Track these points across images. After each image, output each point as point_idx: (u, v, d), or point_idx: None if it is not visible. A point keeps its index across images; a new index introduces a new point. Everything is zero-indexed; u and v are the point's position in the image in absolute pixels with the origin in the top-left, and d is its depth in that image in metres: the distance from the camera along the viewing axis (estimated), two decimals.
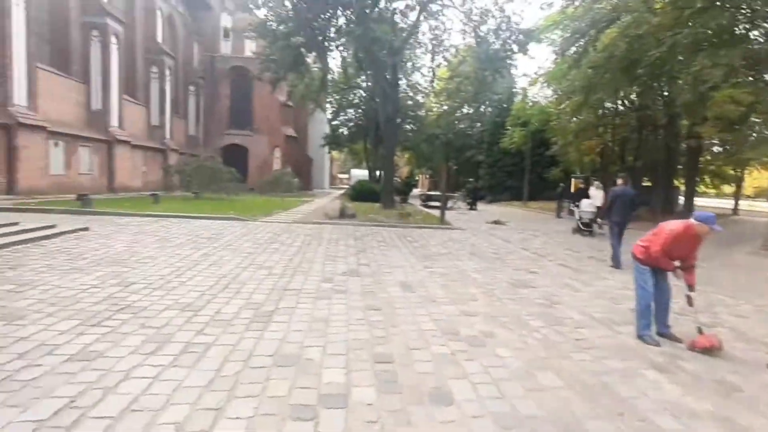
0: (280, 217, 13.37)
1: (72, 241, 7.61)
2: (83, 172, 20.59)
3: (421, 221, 13.68)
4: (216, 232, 9.65)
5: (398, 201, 19.50)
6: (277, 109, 35.01)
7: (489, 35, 15.58)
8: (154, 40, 27.48)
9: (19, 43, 16.42)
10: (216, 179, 20.58)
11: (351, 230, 11.20)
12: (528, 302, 5.17)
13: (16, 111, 16.24)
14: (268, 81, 16.31)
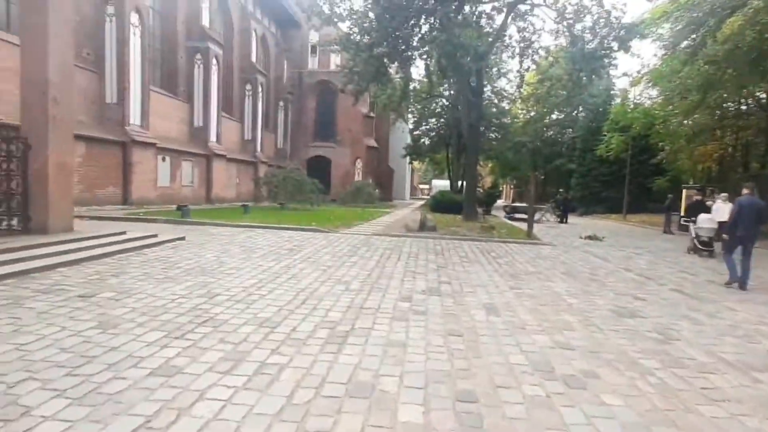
0: (361, 229, 13.42)
1: (169, 250, 8.17)
2: (185, 184, 22.63)
3: (505, 235, 12.91)
4: (297, 243, 9.85)
5: (481, 213, 18.76)
6: (359, 121, 35.90)
7: (585, 33, 14.38)
8: (249, 59, 29.65)
9: (135, 68, 18.53)
10: (300, 190, 21.45)
11: (431, 244, 10.84)
12: (637, 336, 4.43)
13: (131, 130, 18.30)
14: (351, 93, 16.61)
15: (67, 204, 8.16)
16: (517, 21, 16.38)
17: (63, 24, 7.83)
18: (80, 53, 17.10)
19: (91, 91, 17.59)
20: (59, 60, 7.76)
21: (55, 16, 7.62)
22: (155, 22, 22.15)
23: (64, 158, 8.01)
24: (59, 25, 7.74)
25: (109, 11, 17.73)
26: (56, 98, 7.73)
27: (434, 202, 24.91)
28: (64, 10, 7.88)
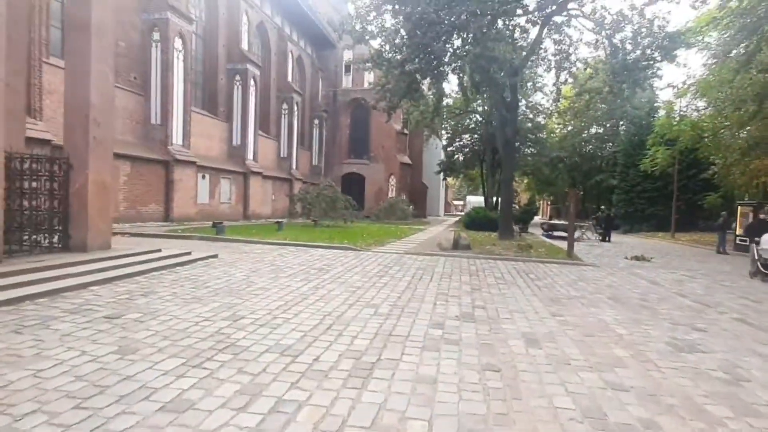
0: (393, 247, 13.15)
1: (201, 268, 8.17)
2: (224, 201, 23.16)
3: (544, 255, 12.28)
4: (328, 262, 9.68)
5: (517, 231, 18.08)
6: (392, 138, 35.96)
7: (626, 43, 13.74)
8: (285, 80, 30.42)
9: (177, 90, 19.27)
10: (333, 207, 21.48)
11: (465, 264, 10.42)
12: (700, 375, 3.90)
13: (173, 149, 18.94)
14: (384, 110, 16.56)
15: (106, 222, 8.35)
16: (553, 33, 15.93)
17: (105, 48, 8.13)
18: (128, 77, 18.01)
19: (137, 113, 18.41)
20: (101, 83, 8.04)
21: (97, 41, 7.91)
22: (198, 46, 23.11)
23: (104, 177, 8.23)
24: (101, 50, 8.03)
25: (155, 37, 18.61)
26: (97, 120, 7.99)
27: (468, 219, 24.36)
28: (106, 35, 8.19)
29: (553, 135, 37.21)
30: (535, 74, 19.48)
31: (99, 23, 7.95)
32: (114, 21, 8.54)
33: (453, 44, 13.39)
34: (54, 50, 15.33)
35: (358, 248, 12.10)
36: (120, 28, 17.36)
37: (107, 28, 8.22)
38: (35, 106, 13.29)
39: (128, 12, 17.76)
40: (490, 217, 23.43)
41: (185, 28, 19.51)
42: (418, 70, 13.45)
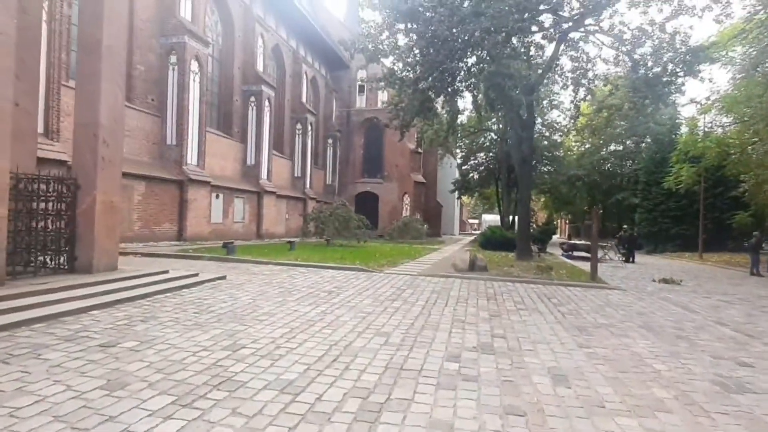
0: (406, 268, 12.75)
1: (207, 291, 7.91)
2: (237, 220, 23.13)
3: (565, 277, 11.72)
4: (339, 284, 9.34)
5: (535, 251, 17.50)
6: (406, 157, 35.88)
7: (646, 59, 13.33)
8: (299, 100, 30.73)
9: (193, 112, 19.48)
10: (347, 226, 21.23)
11: (482, 286, 9.95)
12: (756, 422, 3.40)
13: (188, 169, 19.03)
14: (397, 128, 16.39)
15: (113, 243, 8.18)
16: (569, 50, 15.65)
17: (115, 69, 8.11)
18: (145, 99, 18.30)
19: (153, 134, 18.62)
20: (110, 103, 7.99)
21: (107, 62, 7.89)
22: (214, 68, 23.50)
23: (112, 198, 8.11)
24: (111, 71, 8.01)
25: (172, 60, 18.93)
26: (106, 140, 7.91)
27: (484, 239, 23.80)
28: (117, 56, 8.18)
29: (571, 153, 36.66)
30: (551, 92, 19.09)
31: (110, 45, 7.94)
32: (125, 42, 8.55)
33: (467, 62, 13.20)
34: (74, 74, 15.66)
35: (370, 269, 11.73)
36: (138, 51, 17.77)
37: (118, 49, 8.23)
38: (53, 128, 13.47)
39: (147, 36, 18.15)
40: (506, 237, 22.86)
41: (202, 51, 19.83)
42: (432, 87, 13.25)
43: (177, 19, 18.72)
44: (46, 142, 13.11)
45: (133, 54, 17.58)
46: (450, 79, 13.05)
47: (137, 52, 17.77)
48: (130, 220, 16.59)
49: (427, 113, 15.06)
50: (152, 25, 18.37)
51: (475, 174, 37.30)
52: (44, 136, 13.18)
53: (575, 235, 47.93)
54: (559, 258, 19.38)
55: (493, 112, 16.81)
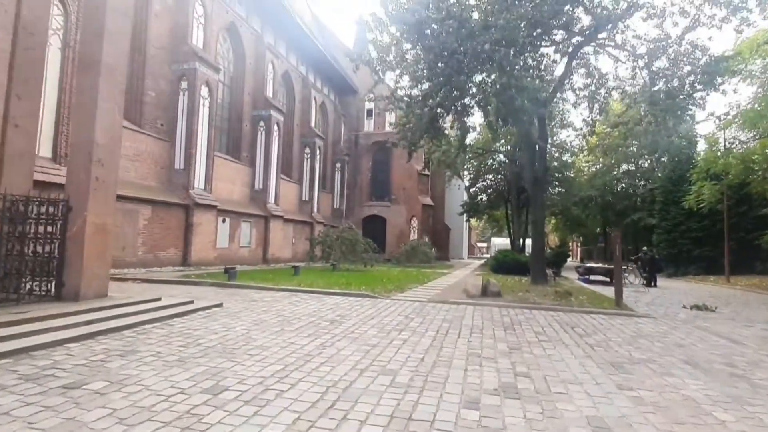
0: (415, 294, 12.06)
1: (200, 320, 7.32)
2: (243, 244, 22.67)
3: (587, 303, 10.91)
4: (342, 312, 8.69)
5: (551, 275, 16.67)
6: (414, 179, 35.51)
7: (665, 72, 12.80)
8: (308, 125, 30.70)
9: (202, 136, 19.32)
10: (353, 250, 20.64)
11: (497, 314, 9.22)
12: None
13: (195, 193, 18.73)
14: (404, 147, 15.96)
15: (103, 268, 7.68)
16: (581, 68, 15.22)
17: (114, 88, 7.79)
18: (155, 124, 18.21)
19: (162, 158, 18.44)
20: (107, 123, 7.63)
21: (106, 81, 7.58)
22: (225, 94, 23.57)
23: (104, 220, 7.65)
24: (110, 89, 7.68)
25: (183, 86, 18.93)
26: (101, 160, 7.52)
27: (495, 262, 22.95)
28: (117, 75, 7.87)
29: (582, 174, 35.98)
30: (562, 111, 18.54)
31: (109, 63, 7.65)
32: (126, 62, 8.27)
33: (476, 78, 12.78)
34: None
35: (376, 295, 11.06)
36: (150, 77, 17.81)
37: (118, 68, 7.93)
38: (62, 152, 13.27)
39: (159, 63, 18.22)
40: (519, 261, 22.04)
41: (212, 77, 19.85)
42: (440, 105, 12.83)
43: (188, 46, 18.81)
44: (54, 167, 12.91)
45: (145, 80, 17.63)
46: (459, 94, 12.62)
47: (149, 78, 17.80)
48: (134, 245, 16.21)
49: (435, 132, 14.62)
50: (165, 53, 18.46)
51: (484, 196, 36.72)
52: (52, 161, 13.01)
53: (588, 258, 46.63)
54: (576, 282, 18.47)
55: (505, 127, 16.24)
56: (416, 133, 14.30)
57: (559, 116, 21.28)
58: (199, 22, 19.71)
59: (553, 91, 14.36)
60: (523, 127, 14.26)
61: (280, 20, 26.17)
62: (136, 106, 17.53)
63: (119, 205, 15.60)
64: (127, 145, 16.79)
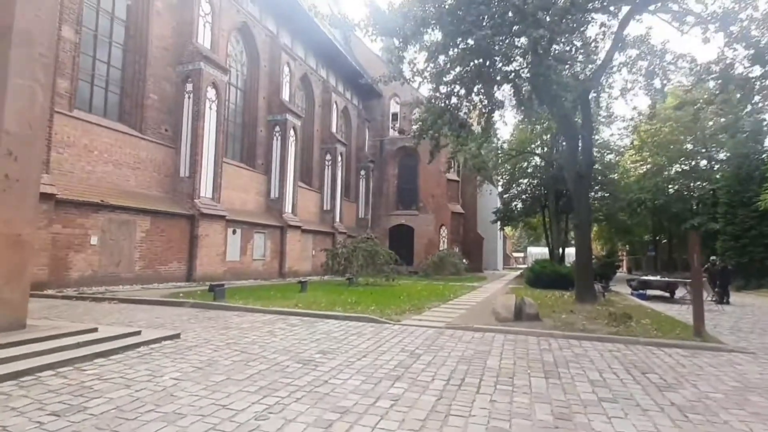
0: (433, 315, 9.97)
1: (130, 360, 5.56)
2: (257, 257, 21.22)
3: (653, 330, 8.43)
4: (330, 345, 6.74)
5: (599, 290, 14.11)
6: (442, 186, 33.38)
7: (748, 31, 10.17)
8: (329, 130, 29.25)
9: (208, 142, 18.05)
10: (373, 262, 18.71)
11: (535, 347, 7.01)
12: None
13: (200, 202, 17.42)
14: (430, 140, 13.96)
15: (15, 292, 6.05)
16: (628, 48, 12.68)
17: (33, 61, 6.25)
18: (158, 129, 17.10)
19: (166, 166, 17.31)
20: (23, 104, 6.09)
21: (21, 51, 6.05)
22: (238, 99, 22.45)
23: (18, 230, 6.05)
24: (27, 62, 6.15)
25: (188, 88, 17.80)
26: (12, 153, 5.96)
27: (532, 275, 20.34)
28: (37, 45, 6.32)
29: (628, 175, 32.57)
30: (608, 100, 15.85)
31: (25, 29, 6.12)
32: (52, 30, 6.76)
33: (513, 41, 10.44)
34: (81, 104, 14.66)
35: (383, 319, 9.04)
36: (152, 80, 16.75)
37: (39, 36, 6.39)
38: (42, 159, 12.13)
39: (163, 65, 17.19)
40: (559, 272, 19.39)
41: (219, 78, 18.64)
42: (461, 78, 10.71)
43: (193, 46, 17.71)
44: None
45: (146, 82, 16.57)
46: (488, 63, 10.39)
47: (150, 81, 16.74)
48: (130, 259, 14.96)
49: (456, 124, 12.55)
50: (168, 54, 17.42)
51: (519, 202, 33.97)
52: None
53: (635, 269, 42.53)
54: (629, 298, 15.73)
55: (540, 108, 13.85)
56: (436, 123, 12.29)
57: (603, 108, 18.30)
58: (206, 20, 18.60)
59: (601, 66, 11.81)
60: (561, 112, 11.84)
61: (296, 21, 24.95)
62: (136, 111, 16.46)
63: (114, 217, 14.50)
64: (126, 152, 15.74)
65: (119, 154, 15.36)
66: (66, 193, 12.84)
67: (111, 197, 14.33)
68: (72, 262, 12.95)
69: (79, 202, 13.14)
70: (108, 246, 14.05)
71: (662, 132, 21.71)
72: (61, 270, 12.56)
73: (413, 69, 11.51)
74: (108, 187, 14.70)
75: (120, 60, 16.31)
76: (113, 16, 15.97)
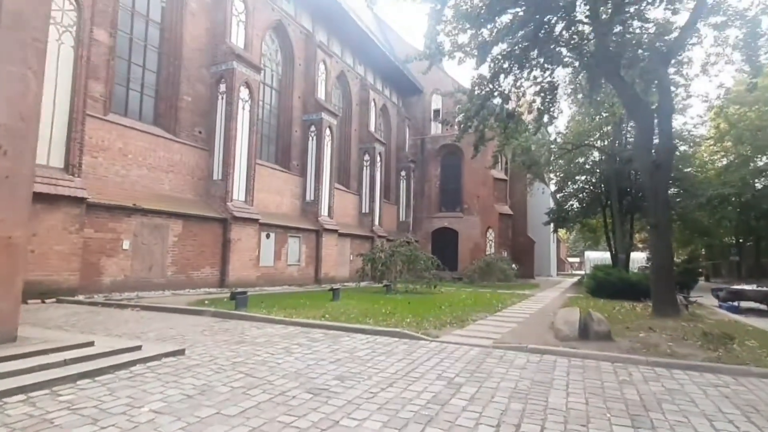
0: (479, 330, 8.61)
1: (122, 381, 4.70)
2: (291, 262, 20.56)
3: (765, 356, 6.64)
4: (351, 369, 5.60)
5: (682, 301, 12.08)
6: (489, 185, 31.54)
7: None
8: (367, 129, 28.35)
9: (241, 143, 17.57)
10: (412, 268, 17.47)
11: (611, 379, 5.52)
12: None
13: (233, 206, 16.93)
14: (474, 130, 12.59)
15: (7, 300, 5.38)
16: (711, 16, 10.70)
17: (26, 46, 5.61)
18: (192, 132, 16.82)
19: (200, 169, 16.98)
20: (14, 94, 5.43)
21: (11, 35, 5.42)
22: (273, 99, 22.03)
23: (11, 232, 5.40)
24: (19, 47, 5.51)
25: (221, 89, 17.45)
26: (1, 146, 5.33)
27: (594, 282, 18.21)
28: (31, 29, 5.69)
29: (706, 169, 28.77)
30: (686, 77, 13.59)
31: (16, 9, 5.49)
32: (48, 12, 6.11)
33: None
34: (117, 108, 14.57)
35: (419, 334, 7.79)
36: (186, 82, 16.50)
37: (33, 18, 5.75)
38: (74, 162, 11.95)
39: (196, 66, 16.94)
40: (627, 280, 17.20)
41: (252, 78, 18.15)
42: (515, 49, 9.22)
43: (227, 45, 17.34)
44: (65, 178, 11.58)
45: (180, 84, 16.33)
46: (545, 25, 8.88)
47: (184, 82, 16.49)
48: (163, 264, 14.61)
49: (504, 117, 11.07)
50: (202, 54, 17.15)
51: (575, 201, 31.27)
52: (63, 171, 11.70)
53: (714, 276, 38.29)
54: (718, 312, 13.40)
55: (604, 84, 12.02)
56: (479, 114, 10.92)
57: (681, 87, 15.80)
58: (239, 19, 18.21)
59: (684, 29, 9.71)
60: (631, 92, 9.97)
61: (333, 17, 24.27)
62: (170, 113, 16.23)
63: (146, 221, 14.21)
64: (160, 155, 15.49)
65: (153, 157, 15.11)
66: (98, 197, 12.61)
67: (144, 201, 14.04)
68: (104, 267, 12.68)
69: (110, 206, 12.88)
70: (140, 250, 13.73)
71: (748, 117, 18.90)
72: (92, 275, 12.30)
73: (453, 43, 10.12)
74: (142, 191, 14.45)
75: (155, 63, 16.15)
76: (148, 19, 15.83)
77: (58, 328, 7.09)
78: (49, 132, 11.12)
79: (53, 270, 10.80)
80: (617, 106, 20.97)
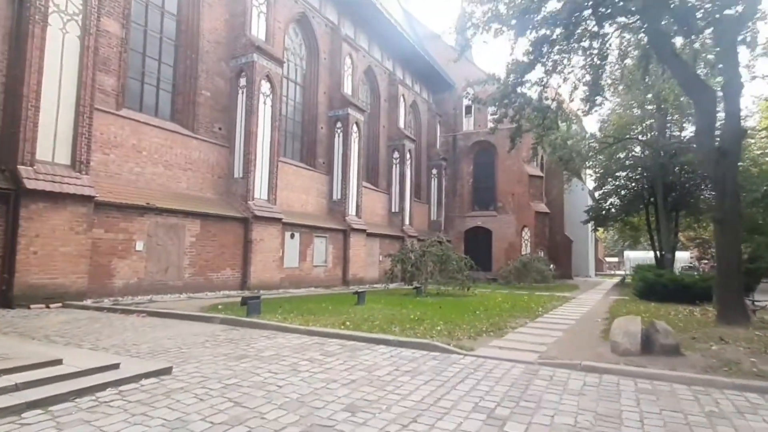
0: (519, 340, 7.39)
1: (79, 413, 3.81)
2: (317, 263, 19.76)
3: None
4: (368, 392, 4.54)
5: (750, 306, 10.46)
6: (524, 183, 29.89)
7: None
8: (396, 126, 27.32)
9: (263, 138, 16.86)
10: (444, 269, 16.28)
11: (694, 409, 4.24)
12: None
13: (254, 204, 16.24)
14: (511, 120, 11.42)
15: None
16: None
17: None
18: (211, 128, 16.26)
19: (220, 167, 16.40)
20: None
21: None
22: (297, 95, 21.34)
23: None
24: None
25: (242, 83, 16.82)
26: None
27: (644, 284, 16.47)
28: None
29: (757, 162, 26.34)
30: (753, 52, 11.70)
31: None
32: None
33: None
34: (132, 102, 14.11)
35: (452, 347, 6.64)
36: (204, 75, 15.92)
37: None
38: (81, 159, 11.41)
39: (215, 60, 16.35)
40: (680, 282, 15.48)
41: (274, 71, 17.42)
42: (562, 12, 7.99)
43: (247, 38, 16.67)
44: (71, 175, 11.06)
45: (198, 79, 15.76)
46: None
47: (203, 77, 15.90)
48: (180, 266, 14.01)
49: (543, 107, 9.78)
50: (221, 48, 16.55)
51: (615, 199, 29.20)
52: (69, 168, 11.20)
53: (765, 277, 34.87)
54: None
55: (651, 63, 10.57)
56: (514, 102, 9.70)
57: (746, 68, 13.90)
58: (260, 11, 17.52)
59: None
60: (689, 71, 8.46)
61: (359, 9, 23.37)
62: (188, 108, 15.68)
63: (161, 221, 13.60)
64: (177, 152, 14.93)
65: (170, 154, 14.57)
66: (109, 196, 12.06)
67: (160, 200, 13.48)
68: (116, 269, 12.11)
69: (122, 205, 12.30)
70: (155, 252, 13.15)
71: None
72: (103, 278, 11.74)
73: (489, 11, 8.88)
74: (157, 189, 13.91)
75: (171, 56, 15.64)
76: (163, 10, 15.34)
77: (44, 338, 6.39)
78: (54, 127, 10.58)
79: (59, 273, 10.24)
80: (668, 91, 19.13)
